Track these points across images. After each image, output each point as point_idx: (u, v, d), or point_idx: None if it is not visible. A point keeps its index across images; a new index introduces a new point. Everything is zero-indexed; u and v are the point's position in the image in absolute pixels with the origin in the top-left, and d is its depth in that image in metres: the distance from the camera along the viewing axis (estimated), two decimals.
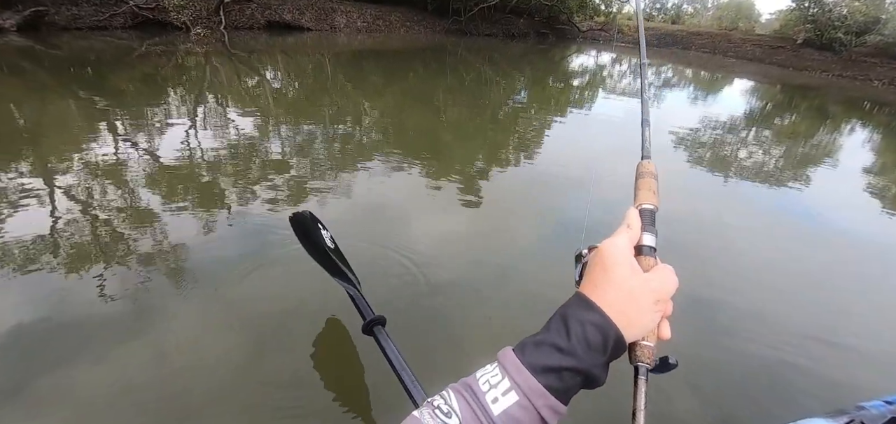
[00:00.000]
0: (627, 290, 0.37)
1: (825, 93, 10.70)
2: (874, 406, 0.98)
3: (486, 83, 7.99)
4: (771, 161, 4.86)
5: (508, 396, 0.35)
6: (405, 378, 1.11)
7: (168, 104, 4.79)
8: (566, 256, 2.00)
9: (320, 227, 1.51)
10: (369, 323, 1.26)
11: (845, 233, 3.14)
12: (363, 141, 4.14)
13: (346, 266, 1.47)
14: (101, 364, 1.48)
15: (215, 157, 3.30)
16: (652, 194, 0.46)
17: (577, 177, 3.55)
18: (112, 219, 2.35)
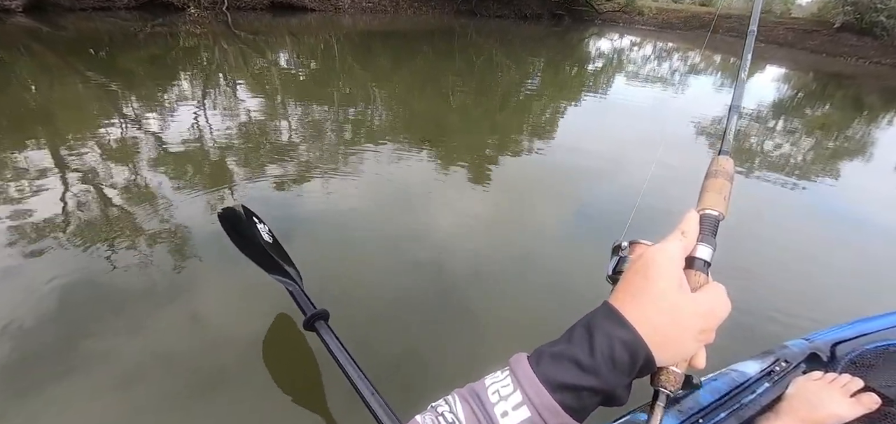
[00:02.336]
0: (669, 308, 0.33)
1: (861, 81, 10.45)
2: (795, 344, 1.11)
3: (499, 67, 7.98)
4: (798, 154, 4.80)
5: (519, 411, 0.33)
6: (351, 373, 1.11)
7: (178, 86, 4.98)
8: (589, 245, 2.06)
9: (256, 221, 1.48)
10: (311, 318, 1.25)
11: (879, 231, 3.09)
12: (373, 124, 4.26)
13: (285, 260, 1.44)
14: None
15: (226, 139, 3.49)
16: (721, 199, 0.41)
17: (597, 168, 3.59)
18: (127, 199, 2.54)
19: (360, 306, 1.83)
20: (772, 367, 1.00)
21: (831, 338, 1.08)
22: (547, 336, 1.21)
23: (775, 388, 0.94)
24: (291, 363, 1.58)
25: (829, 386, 0.90)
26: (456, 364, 1.61)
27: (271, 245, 1.45)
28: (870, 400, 0.86)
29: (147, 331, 1.61)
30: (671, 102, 6.66)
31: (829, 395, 0.88)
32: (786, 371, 0.98)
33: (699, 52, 12.09)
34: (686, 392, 0.92)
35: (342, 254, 2.18)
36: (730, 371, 0.99)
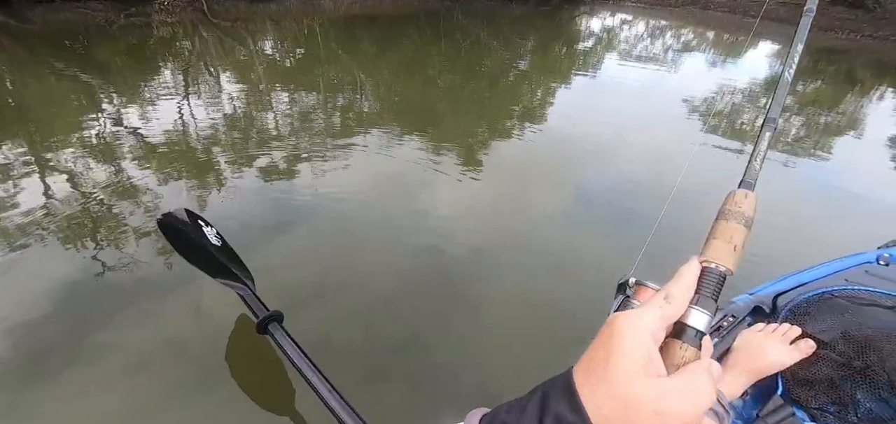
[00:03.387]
0: (623, 398, 0.27)
1: (855, 55, 10.62)
2: (741, 298, 1.20)
3: (487, 49, 7.95)
4: (791, 130, 4.90)
5: None
6: (308, 374, 1.12)
7: (157, 77, 4.92)
8: (585, 226, 2.12)
9: (201, 224, 1.45)
10: (264, 321, 1.24)
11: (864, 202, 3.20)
12: (360, 111, 4.28)
13: (235, 263, 1.43)
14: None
15: (208, 130, 3.51)
16: (731, 249, 0.34)
17: (590, 150, 3.65)
18: (106, 196, 2.59)
19: (358, 293, 1.89)
20: (720, 323, 1.09)
21: (772, 291, 1.16)
22: (545, 319, 1.27)
23: (724, 342, 1.02)
24: (255, 366, 1.58)
25: (770, 336, 0.98)
26: (458, 345, 1.70)
27: (220, 248, 1.42)
28: (806, 346, 0.94)
29: (103, 340, 1.60)
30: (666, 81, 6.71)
31: (770, 344, 0.96)
32: (733, 325, 1.06)
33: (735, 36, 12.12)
34: None
35: (338, 244, 2.22)
36: None
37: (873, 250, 1.35)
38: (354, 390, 1.46)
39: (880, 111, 6.39)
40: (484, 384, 1.51)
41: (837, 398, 0.95)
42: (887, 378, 0.90)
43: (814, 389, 0.97)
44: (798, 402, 0.97)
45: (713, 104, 5.50)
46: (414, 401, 1.48)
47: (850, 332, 0.95)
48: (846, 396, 0.94)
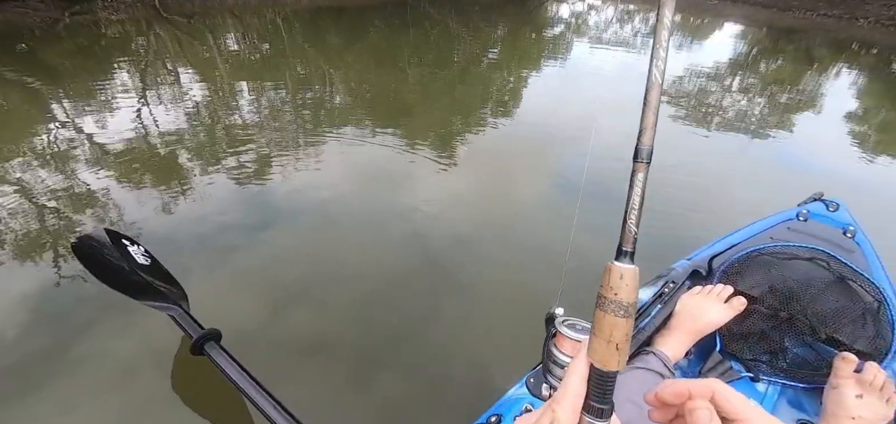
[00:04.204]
0: None
1: (812, 35, 11.19)
2: (680, 264, 1.32)
3: (456, 39, 8.01)
4: (755, 109, 5.18)
5: None
6: (251, 393, 1.10)
7: (112, 79, 4.81)
8: (564, 206, 2.25)
9: (125, 243, 1.39)
10: (199, 341, 1.21)
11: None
12: (330, 107, 4.32)
13: (166, 282, 1.38)
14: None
15: (174, 132, 3.47)
16: (614, 350, 0.30)
17: (567, 135, 3.84)
18: (61, 206, 2.57)
19: (345, 288, 1.96)
20: (662, 290, 1.19)
21: (708, 254, 1.30)
22: (532, 296, 1.38)
23: (666, 308, 1.12)
24: (205, 386, 1.52)
25: (706, 297, 1.11)
26: (450, 331, 1.78)
27: (148, 268, 1.37)
28: (739, 303, 1.07)
29: (42, 361, 1.54)
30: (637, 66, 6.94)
31: (707, 305, 1.09)
32: (673, 291, 1.17)
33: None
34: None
35: (319, 242, 2.31)
36: None
37: (794, 208, 1.50)
38: (350, 384, 1.55)
39: (837, 88, 6.79)
40: (476, 364, 1.60)
41: (769, 347, 1.08)
42: (809, 325, 1.03)
43: (748, 342, 1.09)
44: (735, 355, 1.10)
45: (682, 87, 5.74)
46: (410, 388, 1.55)
47: (776, 286, 1.08)
48: (776, 345, 1.07)
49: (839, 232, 1.36)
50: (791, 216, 1.46)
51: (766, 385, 1.07)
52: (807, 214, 1.45)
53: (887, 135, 4.77)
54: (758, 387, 1.07)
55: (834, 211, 1.48)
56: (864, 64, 8.69)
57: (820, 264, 1.08)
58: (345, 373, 1.59)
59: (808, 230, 1.37)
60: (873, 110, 5.74)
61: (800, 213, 1.46)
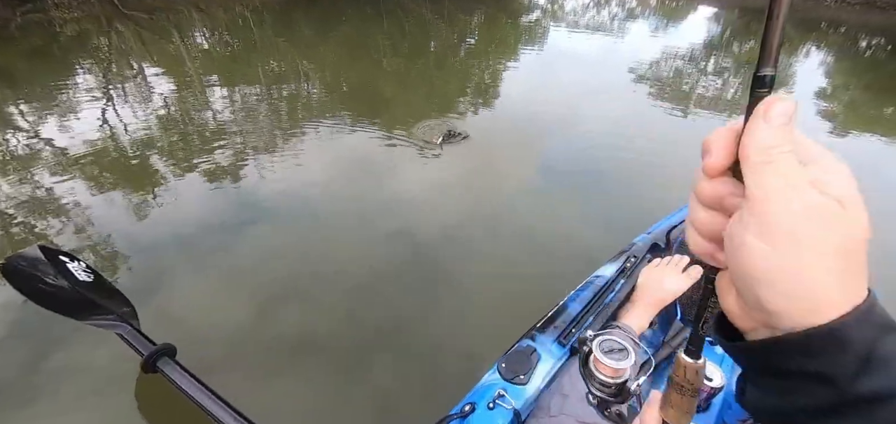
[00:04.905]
0: None
1: None
2: (640, 239, 1.41)
3: (431, 27, 8.02)
4: (729, 90, 5.38)
5: None
6: (210, 407, 1.09)
7: (72, 80, 4.71)
8: (553, 192, 2.32)
9: (64, 260, 1.33)
10: (151, 358, 1.18)
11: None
12: (306, 101, 4.36)
13: (111, 299, 1.34)
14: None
15: (143, 134, 3.43)
16: (687, 410, 0.35)
17: (550, 121, 3.94)
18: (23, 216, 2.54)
19: (335, 283, 2.01)
20: (624, 265, 1.28)
21: (665, 227, 1.40)
22: (524, 282, 1.47)
23: (629, 281, 1.22)
24: (173, 402, 1.46)
25: (665, 269, 1.20)
26: (443, 322, 1.85)
27: (90, 285, 1.31)
28: (695, 272, 1.17)
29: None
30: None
31: (666, 276, 1.18)
32: (635, 264, 1.27)
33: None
34: (558, 309, 1.14)
35: (305, 239, 2.35)
36: (593, 278, 1.26)
37: None
38: (344, 378, 1.61)
39: (806, 66, 7.08)
40: (469, 353, 1.66)
41: None
42: None
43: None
44: None
45: (659, 70, 5.90)
46: (403, 379, 1.61)
47: None
48: None
49: None
50: None
51: None
52: None
53: (854, 111, 5.03)
54: (717, 351, 1.16)
55: None
56: (833, 42, 9.07)
57: None
58: (333, 372, 1.64)
59: None
60: (841, 87, 6.02)
61: None
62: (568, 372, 0.95)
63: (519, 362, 0.99)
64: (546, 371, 1.00)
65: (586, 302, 1.15)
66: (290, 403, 1.51)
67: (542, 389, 0.98)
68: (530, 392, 0.95)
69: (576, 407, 0.85)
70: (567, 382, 0.92)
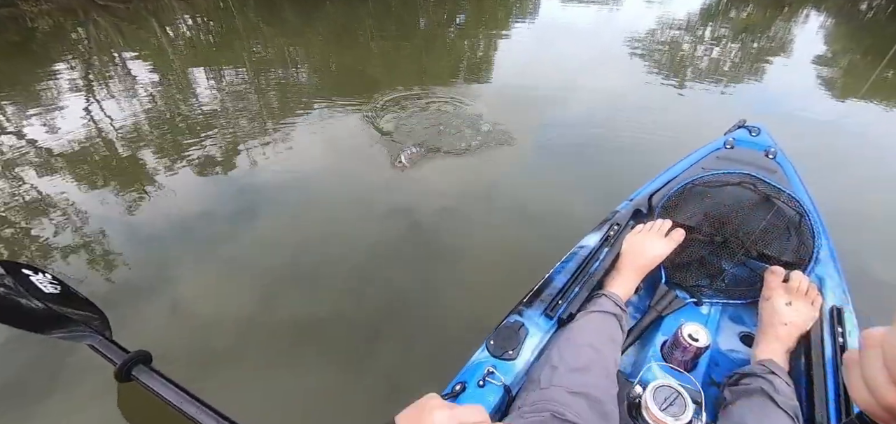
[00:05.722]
0: None
1: None
2: (623, 206, 1.43)
3: (419, 5, 7.94)
4: (728, 58, 5.38)
5: None
6: (190, 411, 1.09)
7: (53, 78, 4.65)
8: (549, 168, 2.35)
9: (27, 274, 1.30)
10: (125, 366, 1.17)
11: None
12: (298, 88, 4.40)
13: (80, 309, 1.32)
14: None
15: (131, 129, 3.44)
16: None
17: (545, 95, 3.96)
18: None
19: (336, 267, 2.04)
20: (607, 233, 1.31)
21: (647, 192, 1.44)
22: (522, 259, 1.49)
23: (613, 249, 1.25)
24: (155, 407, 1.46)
25: (648, 234, 1.23)
26: (445, 299, 1.90)
27: (58, 296, 1.29)
28: (678, 235, 1.20)
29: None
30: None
31: (649, 241, 1.21)
32: (619, 232, 1.30)
33: None
34: (544, 282, 1.18)
35: (305, 225, 2.36)
36: (577, 248, 1.29)
37: (722, 137, 1.64)
38: (351, 357, 1.65)
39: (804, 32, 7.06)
40: (471, 325, 1.69)
41: (708, 271, 1.21)
42: (742, 245, 1.17)
43: (690, 270, 1.22)
44: (679, 284, 1.23)
45: (655, 40, 5.89)
46: (409, 354, 1.66)
47: (710, 213, 1.21)
48: (714, 268, 1.21)
49: (761, 154, 1.52)
50: (719, 145, 1.61)
51: (708, 307, 1.20)
52: (733, 142, 1.60)
53: (853, 76, 5.04)
54: (701, 311, 1.20)
55: (756, 135, 1.64)
56: (832, 5, 9.02)
57: (747, 187, 1.22)
58: (336, 356, 1.68)
59: (735, 156, 1.52)
60: (840, 52, 6.02)
61: (726, 142, 1.61)
62: (556, 344, 0.99)
63: (507, 338, 1.02)
64: (534, 344, 1.03)
65: (572, 273, 1.18)
66: (291, 394, 1.55)
67: (531, 363, 1.01)
68: (520, 366, 0.98)
69: (565, 378, 0.88)
70: (556, 354, 0.95)
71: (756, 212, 1.17)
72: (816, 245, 1.13)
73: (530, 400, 0.86)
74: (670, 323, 1.15)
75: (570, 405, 0.82)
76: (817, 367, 0.96)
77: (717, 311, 1.20)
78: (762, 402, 0.89)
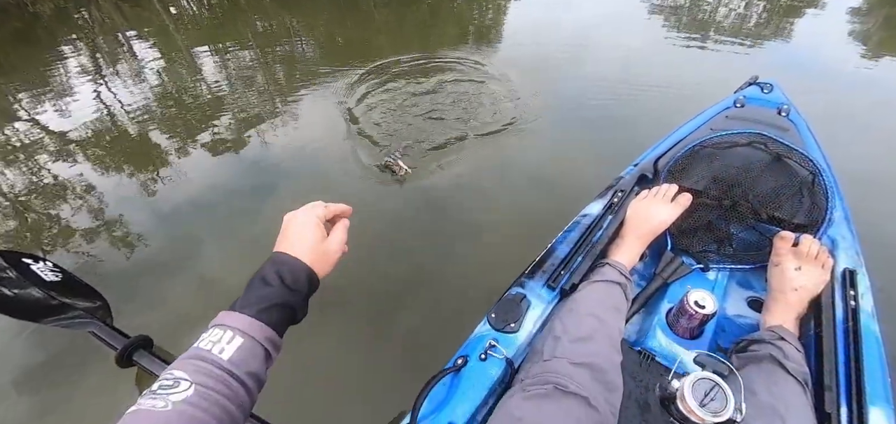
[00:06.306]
0: (303, 239, 0.61)
1: None
2: (627, 171, 1.39)
3: None
4: (754, 13, 5.15)
5: (234, 342, 0.48)
6: None
7: (60, 62, 4.71)
8: (559, 134, 2.34)
9: (28, 263, 1.30)
10: (124, 351, 1.17)
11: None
12: (304, 61, 4.36)
13: (81, 296, 1.33)
14: None
15: (139, 110, 3.48)
16: None
17: (558, 59, 3.88)
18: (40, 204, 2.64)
19: (354, 241, 2.02)
20: (611, 200, 1.27)
21: (652, 156, 1.40)
22: (538, 227, 1.47)
23: (617, 217, 1.21)
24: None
25: (653, 199, 1.20)
26: (464, 270, 1.91)
27: (58, 284, 1.30)
28: (684, 199, 1.17)
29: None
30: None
31: (654, 207, 1.18)
32: (623, 199, 1.26)
33: None
34: (546, 253, 1.16)
35: (319, 193, 2.35)
36: (580, 217, 1.26)
37: (731, 95, 1.58)
38: (378, 326, 1.70)
39: None
40: (492, 290, 1.70)
41: (716, 236, 1.19)
42: (751, 208, 1.14)
43: (697, 235, 1.20)
44: (685, 251, 1.21)
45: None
46: (431, 321, 1.70)
47: (719, 176, 1.18)
48: (722, 233, 1.18)
49: (773, 112, 1.46)
50: (729, 104, 1.55)
51: (715, 273, 1.19)
52: (743, 100, 1.54)
53: (890, 30, 4.78)
54: (708, 277, 1.18)
55: (768, 92, 1.58)
56: None
57: (758, 147, 1.17)
58: (358, 326, 1.73)
59: (746, 115, 1.46)
60: (877, 4, 5.69)
61: (737, 100, 1.54)
62: (559, 315, 0.98)
63: (509, 310, 1.02)
64: (537, 316, 1.03)
65: (574, 242, 1.17)
66: (314, 358, 1.61)
67: (534, 335, 1.01)
68: (522, 338, 0.98)
69: (567, 349, 0.88)
70: (558, 325, 0.94)
71: (767, 173, 1.14)
72: (830, 206, 1.09)
73: (533, 373, 0.86)
74: (676, 290, 1.13)
75: (574, 376, 0.82)
76: (827, 330, 0.95)
77: (723, 277, 1.18)
78: (771, 369, 0.88)
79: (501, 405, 0.83)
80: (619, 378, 0.87)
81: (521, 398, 0.82)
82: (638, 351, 0.98)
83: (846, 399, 0.85)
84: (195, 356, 0.46)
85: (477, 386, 0.89)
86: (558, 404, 0.79)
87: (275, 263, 0.57)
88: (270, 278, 0.55)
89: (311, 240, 0.60)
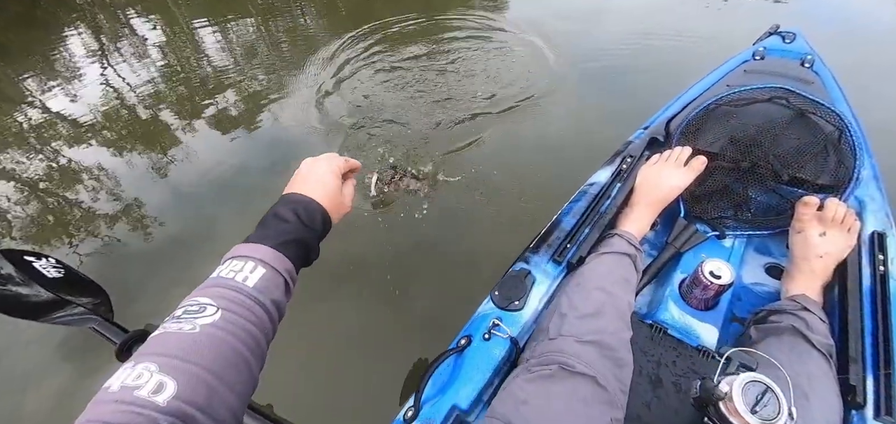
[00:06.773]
0: (322, 184, 0.63)
1: None
2: (636, 136, 1.33)
3: None
4: None
5: (256, 271, 0.49)
6: None
7: (62, 46, 4.68)
8: (569, 99, 2.40)
9: (30, 260, 1.27)
10: (124, 344, 1.15)
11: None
12: (307, 33, 4.25)
13: (82, 291, 1.31)
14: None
15: (151, 90, 3.47)
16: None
17: (564, 29, 3.70)
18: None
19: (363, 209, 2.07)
20: (619, 167, 1.21)
21: (664, 118, 1.31)
22: (550, 191, 1.42)
23: (626, 184, 1.16)
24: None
25: (664, 164, 1.13)
26: (479, 237, 1.91)
27: (60, 281, 1.29)
28: (698, 163, 1.10)
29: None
30: None
31: (665, 172, 1.11)
32: (632, 165, 1.20)
33: None
34: (551, 226, 1.12)
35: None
36: (587, 187, 1.21)
37: (750, 47, 1.48)
38: (391, 297, 1.71)
39: None
40: (505, 258, 1.70)
41: (733, 201, 1.13)
42: (771, 170, 1.08)
43: (711, 200, 1.14)
44: (700, 217, 1.15)
45: None
46: (444, 292, 1.72)
47: (736, 136, 1.11)
48: (740, 197, 1.12)
49: (797, 64, 1.36)
50: (747, 57, 1.45)
51: (732, 240, 1.13)
52: (763, 52, 1.44)
53: None
54: (724, 244, 1.14)
55: (790, 42, 1.47)
56: None
57: (779, 103, 1.09)
58: (376, 296, 1.75)
59: (766, 68, 1.36)
60: None
61: (756, 52, 1.44)
62: (565, 291, 0.95)
63: (513, 287, 0.99)
64: (542, 293, 0.99)
65: (581, 213, 1.12)
66: (330, 327, 1.64)
67: (539, 312, 0.98)
68: (527, 316, 0.96)
69: (574, 326, 0.85)
70: (564, 301, 0.92)
71: (789, 130, 1.06)
72: (858, 164, 1.02)
73: (538, 352, 0.84)
74: (690, 260, 1.09)
75: (580, 355, 0.80)
76: (853, 297, 0.90)
77: (740, 244, 1.13)
78: (793, 341, 0.84)
79: (506, 386, 0.81)
80: (629, 354, 0.84)
81: (525, 379, 0.80)
82: (649, 325, 0.95)
83: (874, 370, 0.81)
84: (218, 284, 0.47)
85: (481, 367, 0.87)
86: (564, 385, 0.77)
87: (290, 202, 0.59)
88: (286, 215, 0.57)
89: (331, 187, 0.63)
